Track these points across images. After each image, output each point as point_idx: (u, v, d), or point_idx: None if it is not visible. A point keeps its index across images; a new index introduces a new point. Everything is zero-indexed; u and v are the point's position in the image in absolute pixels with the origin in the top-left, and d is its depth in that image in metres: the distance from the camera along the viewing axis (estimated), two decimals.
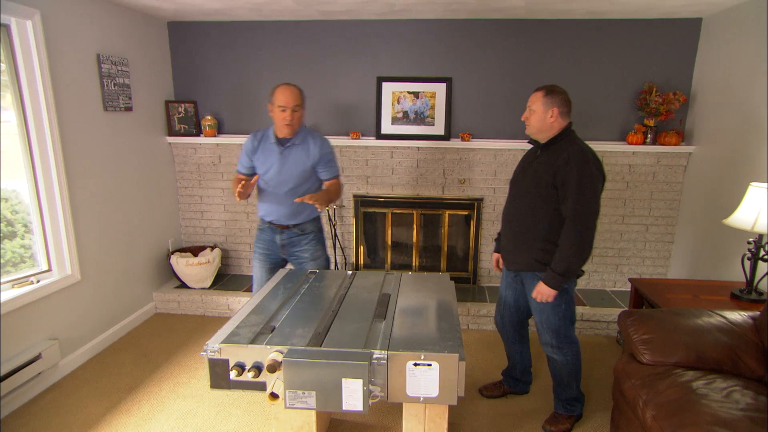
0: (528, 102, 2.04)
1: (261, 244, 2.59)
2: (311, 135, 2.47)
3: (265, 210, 2.52)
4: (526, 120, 2.05)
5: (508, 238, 2.16)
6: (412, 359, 1.63)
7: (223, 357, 1.70)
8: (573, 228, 1.90)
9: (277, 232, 2.54)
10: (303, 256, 2.59)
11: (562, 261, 1.93)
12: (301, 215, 2.53)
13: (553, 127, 1.99)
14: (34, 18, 2.34)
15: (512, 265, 2.18)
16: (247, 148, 2.46)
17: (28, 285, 2.47)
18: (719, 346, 1.89)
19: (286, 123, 2.32)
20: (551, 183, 1.94)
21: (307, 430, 2.05)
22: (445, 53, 3.44)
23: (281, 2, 2.98)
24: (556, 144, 1.99)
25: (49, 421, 2.28)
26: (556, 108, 1.96)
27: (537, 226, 2.02)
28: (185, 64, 3.66)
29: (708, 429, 1.50)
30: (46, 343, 2.50)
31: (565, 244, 1.93)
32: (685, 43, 3.23)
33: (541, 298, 2.01)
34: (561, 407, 2.27)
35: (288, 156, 2.40)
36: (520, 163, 2.20)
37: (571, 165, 1.88)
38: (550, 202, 1.96)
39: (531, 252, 2.06)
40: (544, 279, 1.99)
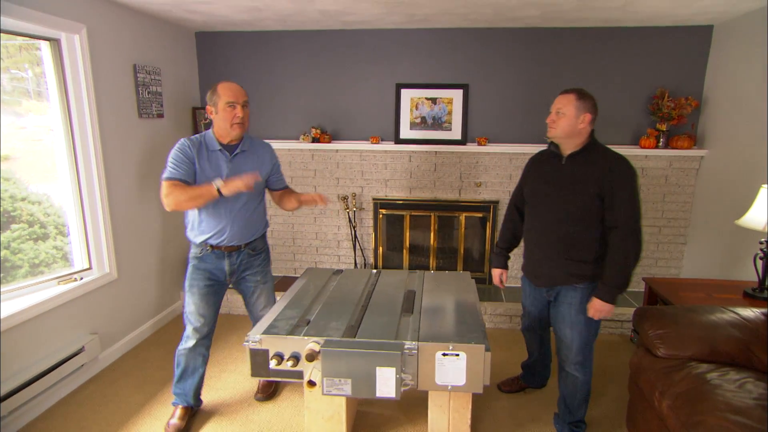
0: (555, 104, 1.93)
1: (201, 274, 2.21)
2: (255, 140, 2.25)
3: (211, 231, 2.14)
4: (551, 123, 1.93)
5: (541, 253, 2.05)
6: (440, 349, 1.74)
7: (263, 347, 1.83)
8: (629, 238, 1.84)
9: (225, 257, 2.20)
10: (255, 279, 2.33)
11: (620, 274, 1.86)
12: (255, 232, 2.29)
13: (582, 133, 1.90)
14: (81, 32, 2.51)
15: (546, 281, 2.07)
16: (186, 153, 2.06)
17: (72, 282, 2.62)
18: (732, 340, 1.98)
19: (238, 122, 2.06)
20: (596, 193, 1.85)
21: (337, 419, 2.17)
22: (462, 61, 3.56)
23: (306, 14, 3.12)
24: (587, 153, 1.92)
25: (93, 409, 2.43)
26: (589, 114, 1.88)
27: (578, 238, 1.93)
28: (211, 72, 3.82)
29: (722, 416, 1.59)
30: (88, 337, 2.65)
31: (620, 255, 1.85)
32: (697, 50, 3.32)
33: (600, 315, 1.92)
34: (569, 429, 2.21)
35: (239, 165, 2.13)
36: (536, 173, 2.10)
37: (619, 173, 1.83)
38: (593, 213, 1.89)
39: (570, 266, 1.96)
40: (599, 295, 1.90)
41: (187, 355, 2.27)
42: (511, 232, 2.33)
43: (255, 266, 2.32)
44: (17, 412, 2.24)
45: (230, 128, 2.07)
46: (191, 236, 2.21)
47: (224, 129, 2.09)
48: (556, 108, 1.92)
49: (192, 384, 2.32)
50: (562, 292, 2.04)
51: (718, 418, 1.58)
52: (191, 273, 2.22)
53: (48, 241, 2.82)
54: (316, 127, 3.73)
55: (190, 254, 2.24)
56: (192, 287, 2.22)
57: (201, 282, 2.21)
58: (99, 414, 2.39)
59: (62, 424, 2.31)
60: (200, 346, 2.28)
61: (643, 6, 2.79)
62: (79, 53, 2.52)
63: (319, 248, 3.99)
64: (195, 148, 2.09)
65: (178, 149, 2.08)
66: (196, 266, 2.21)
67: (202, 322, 2.24)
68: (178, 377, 2.31)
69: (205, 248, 2.18)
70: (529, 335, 2.42)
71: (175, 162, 2.05)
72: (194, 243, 2.21)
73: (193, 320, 2.24)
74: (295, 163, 3.82)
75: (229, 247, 2.19)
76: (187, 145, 2.09)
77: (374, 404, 2.49)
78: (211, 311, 2.27)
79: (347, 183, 3.81)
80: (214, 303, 2.27)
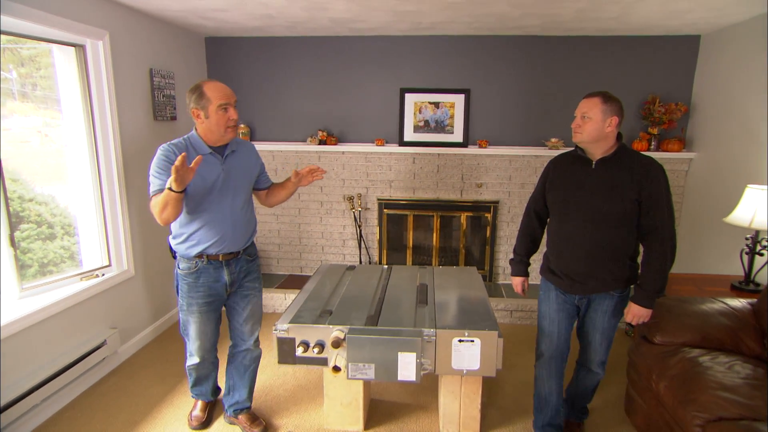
0: (580, 108, 1.85)
1: (200, 291, 2.01)
2: (239, 140, 2.09)
3: (210, 240, 1.96)
4: (576, 128, 1.86)
5: (577, 263, 1.94)
6: (457, 336, 1.88)
7: (290, 336, 1.95)
8: (667, 241, 1.84)
9: (224, 266, 2.02)
10: (252, 286, 2.16)
11: (659, 278, 1.85)
12: (251, 234, 2.13)
13: (609, 137, 1.84)
14: (104, 39, 2.61)
15: (584, 290, 1.97)
16: (171, 161, 1.84)
17: (93, 278, 2.71)
18: (722, 328, 2.15)
19: (231, 125, 1.90)
20: (634, 198, 1.81)
21: (354, 405, 2.29)
22: (464, 66, 3.71)
23: (316, 21, 3.26)
24: (620, 157, 1.86)
25: (116, 400, 2.52)
26: (616, 117, 1.81)
27: (616, 244, 1.88)
28: (220, 76, 3.92)
29: (713, 394, 1.75)
30: (109, 331, 2.74)
31: (658, 259, 1.84)
32: (686, 58, 3.52)
33: (638, 320, 1.92)
34: (575, 415, 2.30)
35: (232, 166, 1.99)
36: (563, 178, 1.99)
37: (656, 177, 1.80)
38: (631, 219, 1.85)
39: (609, 273, 1.91)
40: (637, 300, 1.89)
41: (197, 369, 2.24)
42: (530, 238, 2.20)
43: (253, 273, 2.17)
44: (46, 402, 2.33)
45: (224, 132, 1.90)
46: (182, 249, 1.98)
47: (217, 133, 1.90)
48: (581, 112, 1.84)
49: (208, 386, 2.34)
50: (597, 299, 1.98)
51: (710, 395, 1.74)
52: (187, 291, 2.01)
53: (56, 241, 2.90)
54: (322, 130, 3.86)
55: (180, 271, 2.01)
56: (191, 306, 2.03)
57: (201, 300, 2.02)
58: (123, 404, 2.48)
59: (89, 414, 2.41)
60: (207, 359, 2.22)
61: (635, 17, 2.97)
62: (102, 58, 2.62)
63: (325, 247, 4.11)
64: (183, 151, 1.86)
65: (163, 158, 1.86)
66: (193, 284, 2.00)
67: (205, 338, 2.13)
68: (192, 384, 2.32)
69: (200, 261, 1.98)
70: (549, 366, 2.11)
71: (163, 170, 1.84)
72: (186, 257, 1.98)
73: (194, 339, 2.11)
74: (302, 165, 3.94)
75: (227, 254, 2.02)
76: (171, 151, 1.87)
77: (388, 393, 2.62)
78: (214, 327, 2.14)
79: (353, 184, 3.95)
80: (216, 319, 2.12)
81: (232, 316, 2.19)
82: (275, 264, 4.19)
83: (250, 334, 2.22)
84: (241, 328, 2.20)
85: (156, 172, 1.86)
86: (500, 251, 3.95)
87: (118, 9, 2.77)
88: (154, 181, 1.86)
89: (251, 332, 2.23)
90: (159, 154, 1.88)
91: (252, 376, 2.32)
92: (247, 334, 2.22)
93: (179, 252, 2.01)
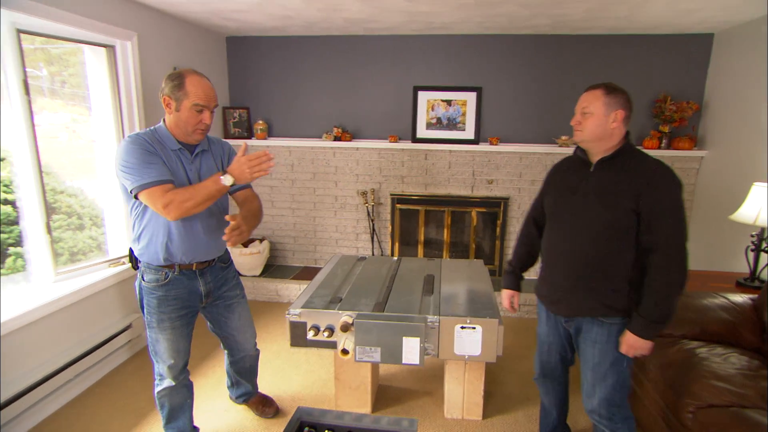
0: (580, 103, 1.63)
1: (171, 305, 1.83)
2: (211, 138, 1.94)
3: (179, 248, 1.79)
4: (577, 125, 1.64)
5: (562, 277, 1.71)
6: (459, 323, 1.98)
7: (302, 320, 2.08)
8: (671, 262, 1.51)
9: (197, 276, 1.88)
10: (233, 294, 2.04)
11: (660, 305, 1.53)
12: (223, 242, 1.79)
13: (614, 134, 1.59)
14: (133, 39, 2.78)
15: (565, 309, 1.73)
16: (149, 150, 1.69)
17: (120, 265, 2.88)
18: (721, 321, 2.20)
19: (201, 129, 1.75)
20: (631, 208, 1.53)
21: (363, 389, 2.41)
22: (476, 65, 3.79)
23: (331, 21, 3.37)
24: (621, 158, 1.60)
25: (142, 380, 2.69)
26: (621, 110, 1.57)
27: (607, 261, 1.60)
28: (240, 74, 4.08)
29: (707, 382, 1.81)
30: (134, 315, 2.92)
31: (659, 282, 1.52)
32: (698, 57, 3.53)
33: (633, 352, 1.60)
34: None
35: (201, 165, 1.83)
36: (559, 182, 1.78)
37: (661, 185, 1.51)
38: (628, 233, 1.56)
39: (599, 295, 1.62)
40: (633, 328, 1.57)
41: (170, 395, 1.97)
42: (526, 249, 1.98)
43: (230, 280, 2.02)
44: (78, 378, 2.51)
45: (191, 133, 1.74)
46: (147, 257, 1.79)
47: (183, 132, 1.74)
48: (581, 107, 1.62)
49: (185, 421, 2.06)
50: (585, 326, 1.70)
51: (703, 383, 1.81)
52: (157, 306, 1.81)
53: (84, 231, 3.08)
54: (337, 127, 3.98)
55: (146, 283, 1.81)
56: (162, 322, 1.83)
57: (173, 314, 1.84)
58: (147, 383, 2.65)
59: (117, 391, 2.58)
60: (180, 380, 1.98)
61: (645, 16, 3.01)
62: (130, 58, 2.79)
63: (339, 240, 4.24)
64: (152, 144, 1.71)
65: (137, 147, 1.67)
66: (164, 297, 1.81)
67: (178, 357, 1.92)
68: (166, 419, 2.02)
69: (171, 271, 1.81)
70: (545, 384, 1.99)
71: (145, 162, 1.66)
72: (153, 266, 1.80)
73: (166, 358, 1.89)
74: (317, 160, 4.07)
75: (201, 263, 1.87)
76: (144, 140, 1.70)
77: (396, 379, 2.74)
78: (187, 343, 1.94)
79: (366, 179, 4.06)
80: (188, 334, 1.93)
81: (221, 328, 2.06)
82: (290, 256, 4.34)
83: (245, 343, 2.14)
84: (235, 339, 2.10)
85: (139, 163, 1.65)
86: (510, 246, 4.02)
87: (146, 11, 2.94)
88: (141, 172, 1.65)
89: (247, 341, 2.14)
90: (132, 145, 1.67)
91: (254, 371, 2.34)
92: (243, 344, 2.13)
93: (144, 260, 1.81)
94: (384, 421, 1.67)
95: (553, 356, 1.89)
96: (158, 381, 1.98)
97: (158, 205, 1.65)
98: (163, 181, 1.67)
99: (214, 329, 2.10)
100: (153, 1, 2.84)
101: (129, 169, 1.66)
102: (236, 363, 2.25)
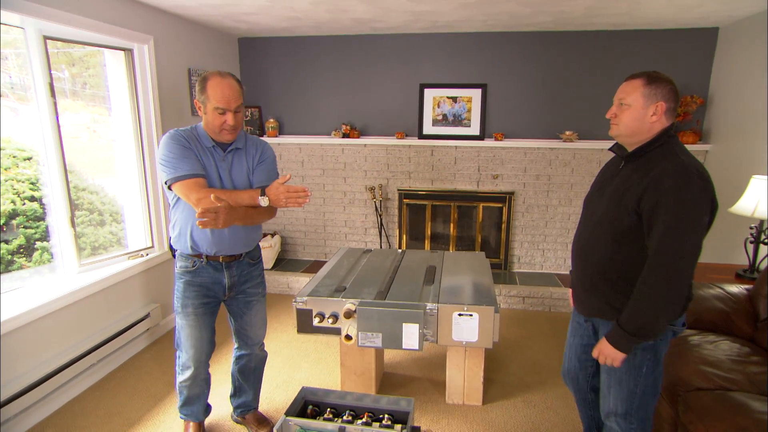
0: (618, 94, 1.50)
1: (195, 291, 1.93)
2: (251, 138, 1.99)
3: (203, 240, 1.87)
4: (613, 118, 1.51)
5: (578, 274, 1.67)
6: (457, 310, 2.08)
7: (308, 307, 2.19)
8: (655, 272, 1.37)
9: (224, 269, 1.95)
10: (256, 291, 2.08)
11: (634, 315, 1.41)
12: (256, 237, 2.02)
13: (653, 128, 1.45)
14: (149, 42, 2.92)
15: (583, 308, 1.68)
16: (186, 145, 1.79)
17: (139, 257, 3.04)
18: (715, 311, 2.25)
19: (227, 129, 1.80)
20: (634, 208, 1.42)
21: (367, 375, 2.52)
22: (481, 62, 3.86)
23: (340, 21, 3.48)
24: (648, 153, 1.46)
25: (160, 365, 2.85)
26: (663, 102, 1.42)
27: (613, 262, 1.52)
28: (252, 74, 4.21)
29: (696, 367, 1.88)
30: (152, 305, 3.08)
31: (641, 292, 1.40)
32: (703, 51, 3.54)
33: (603, 360, 1.52)
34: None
35: (233, 162, 1.90)
36: (599, 175, 1.70)
37: (666, 186, 1.35)
38: (632, 234, 1.45)
39: (607, 296, 1.55)
40: (608, 335, 1.48)
41: (189, 387, 2.08)
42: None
43: (255, 277, 2.07)
44: (101, 363, 2.68)
45: (219, 133, 1.82)
46: (179, 245, 1.91)
47: (212, 132, 1.84)
48: (618, 98, 1.49)
49: (199, 406, 2.17)
50: (601, 327, 1.61)
51: (692, 368, 1.88)
52: (183, 291, 1.93)
53: (105, 227, 3.24)
54: (346, 124, 4.09)
55: (178, 268, 1.95)
56: (186, 307, 1.93)
57: (196, 300, 1.93)
58: (165, 368, 2.80)
59: (136, 375, 2.74)
60: (200, 374, 2.06)
61: (646, 12, 3.04)
62: (147, 60, 2.93)
63: (348, 234, 4.35)
64: (187, 140, 1.80)
65: (174, 142, 1.78)
66: (189, 282, 1.92)
67: (199, 346, 2.00)
68: (182, 403, 2.14)
69: (199, 260, 1.90)
70: (567, 383, 1.91)
71: (180, 156, 1.75)
72: (184, 254, 1.92)
73: (188, 347, 1.99)
74: (327, 157, 4.19)
75: (228, 256, 1.94)
76: (182, 135, 1.81)
77: (400, 367, 2.84)
78: (209, 333, 2.02)
79: (374, 175, 4.16)
80: (210, 324, 2.02)
81: (236, 321, 2.12)
82: (301, 250, 4.47)
83: (255, 338, 2.17)
84: (246, 333, 2.14)
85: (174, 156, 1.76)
86: (515, 240, 4.09)
87: (162, 15, 3.08)
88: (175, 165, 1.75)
89: (257, 337, 2.17)
90: (171, 140, 1.79)
91: (258, 378, 2.28)
92: (253, 338, 2.16)
93: (176, 247, 1.94)
94: (384, 400, 1.78)
95: (573, 356, 1.81)
96: (180, 371, 2.07)
97: (192, 197, 1.74)
98: (195, 175, 1.76)
99: (229, 320, 2.17)
100: (168, 6, 2.98)
101: (166, 161, 1.76)
102: (242, 360, 2.20)
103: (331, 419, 1.71)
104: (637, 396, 1.55)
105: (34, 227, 2.61)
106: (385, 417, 1.72)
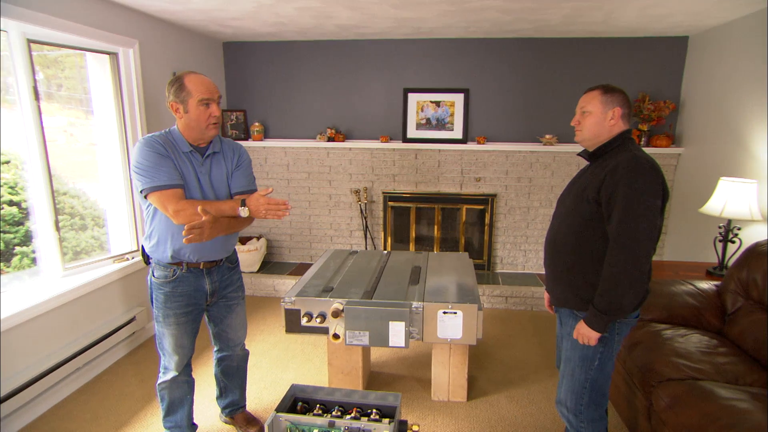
0: (579, 104, 1.69)
1: (177, 301, 1.88)
2: (225, 141, 1.96)
3: (186, 247, 1.83)
4: (577, 125, 1.70)
5: (547, 266, 1.79)
6: (441, 308, 2.14)
7: (296, 307, 2.23)
8: (618, 253, 1.49)
9: (204, 275, 1.92)
10: (235, 295, 2.08)
11: (604, 294, 1.52)
12: (234, 241, 2.00)
13: (612, 131, 1.63)
14: (134, 46, 2.93)
15: (553, 300, 1.80)
16: (162, 153, 1.73)
17: (124, 261, 3.03)
18: (687, 306, 2.36)
19: (214, 122, 1.78)
20: (595, 198, 1.56)
21: (354, 374, 2.57)
22: (463, 67, 3.95)
23: (324, 27, 3.53)
24: (606, 152, 1.64)
25: (147, 368, 2.84)
26: (619, 108, 1.61)
27: (578, 253, 1.63)
28: (237, 78, 4.23)
29: (667, 359, 1.98)
30: (137, 309, 3.07)
31: (607, 273, 1.52)
32: (674, 58, 3.70)
33: (583, 339, 1.61)
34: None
35: (212, 166, 1.87)
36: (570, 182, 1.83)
37: (620, 173, 1.49)
38: (594, 224, 1.58)
39: (571, 286, 1.67)
40: (585, 317, 1.60)
41: (170, 388, 2.02)
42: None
43: (234, 281, 2.07)
44: (87, 367, 2.66)
45: (205, 129, 1.78)
46: (157, 255, 1.85)
47: (197, 130, 1.78)
48: (580, 108, 1.68)
49: (183, 415, 2.10)
50: (564, 317, 1.75)
51: (664, 360, 1.97)
52: (164, 302, 1.87)
53: (87, 232, 3.22)
54: (331, 128, 4.13)
55: (155, 279, 1.88)
56: (167, 318, 1.89)
57: (179, 310, 1.89)
58: (153, 371, 2.79)
59: (123, 378, 2.73)
60: (182, 375, 2.02)
61: (620, 21, 3.17)
62: (132, 64, 2.94)
63: (333, 237, 4.39)
64: (163, 148, 1.74)
65: (149, 149, 1.71)
66: (171, 293, 1.87)
67: (182, 352, 1.97)
68: (165, 412, 2.07)
69: (179, 268, 1.86)
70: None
71: (156, 164, 1.70)
72: (162, 263, 1.86)
73: (170, 352, 1.96)
74: (312, 160, 4.23)
75: (208, 262, 1.91)
76: (157, 142, 1.74)
77: (387, 366, 2.89)
78: (191, 339, 1.99)
79: (359, 178, 4.22)
80: (193, 330, 1.98)
81: (217, 325, 2.11)
82: (287, 253, 4.49)
83: (236, 340, 2.18)
84: (227, 336, 2.14)
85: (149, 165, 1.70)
86: (498, 241, 4.18)
87: (147, 19, 3.09)
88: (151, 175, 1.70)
89: (238, 339, 2.18)
90: (146, 147, 1.72)
91: (242, 376, 2.28)
92: (234, 340, 2.17)
93: (154, 256, 1.87)
94: (372, 396, 1.82)
95: (560, 348, 1.87)
96: (162, 372, 2.04)
97: (169, 209, 1.70)
98: (172, 185, 1.71)
99: (209, 324, 2.14)
100: (154, 10, 3.00)
101: (141, 170, 1.71)
102: (224, 361, 2.20)
103: (321, 415, 1.75)
104: (587, 391, 1.67)
105: (13, 232, 2.59)
106: (373, 412, 1.77)
